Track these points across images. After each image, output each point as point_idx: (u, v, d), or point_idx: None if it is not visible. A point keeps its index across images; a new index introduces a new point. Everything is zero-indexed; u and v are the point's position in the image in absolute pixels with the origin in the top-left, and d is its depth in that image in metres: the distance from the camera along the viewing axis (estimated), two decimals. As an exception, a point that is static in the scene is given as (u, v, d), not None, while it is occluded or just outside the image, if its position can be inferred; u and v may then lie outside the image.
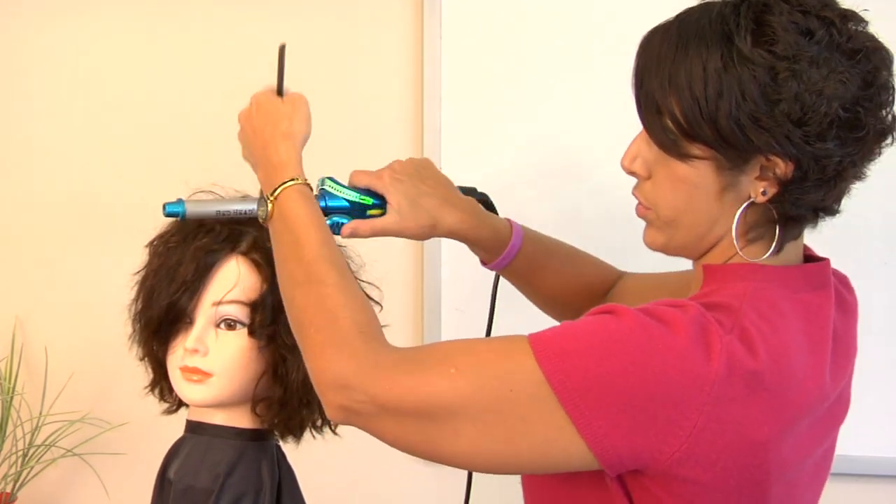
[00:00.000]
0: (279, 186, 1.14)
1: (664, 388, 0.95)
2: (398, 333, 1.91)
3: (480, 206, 1.33)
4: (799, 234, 1.08)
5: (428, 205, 1.27)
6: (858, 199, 1.78)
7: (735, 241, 1.03)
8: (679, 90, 0.99)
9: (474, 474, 1.36)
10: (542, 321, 1.07)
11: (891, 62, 1.02)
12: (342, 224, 1.24)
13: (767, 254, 1.05)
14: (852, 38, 0.99)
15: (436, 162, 1.92)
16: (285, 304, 1.12)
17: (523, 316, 1.32)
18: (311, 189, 1.16)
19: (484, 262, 1.37)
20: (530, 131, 1.90)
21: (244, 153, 1.23)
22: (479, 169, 1.86)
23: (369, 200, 1.26)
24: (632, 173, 1.09)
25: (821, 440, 1.09)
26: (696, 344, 0.96)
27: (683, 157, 1.02)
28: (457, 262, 1.92)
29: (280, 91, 1.23)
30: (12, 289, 2.13)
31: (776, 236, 1.04)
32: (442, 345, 1.07)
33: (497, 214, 1.37)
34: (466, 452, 1.01)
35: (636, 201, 1.11)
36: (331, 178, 1.27)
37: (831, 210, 1.06)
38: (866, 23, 1.02)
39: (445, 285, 1.94)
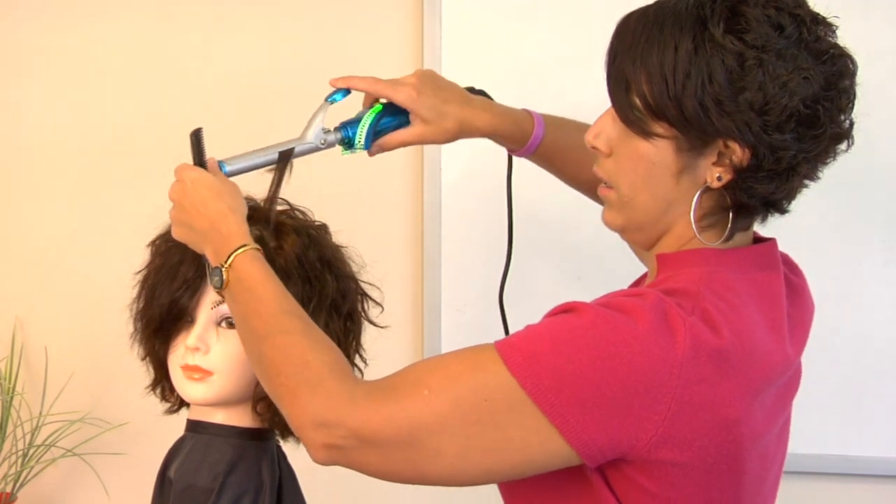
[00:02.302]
0: (232, 254, 1.14)
1: (634, 376, 0.98)
2: (398, 333, 1.92)
3: (494, 101, 1.37)
4: (749, 226, 1.11)
5: (452, 111, 1.32)
6: (859, 199, 1.80)
7: (693, 225, 1.06)
8: (649, 68, 1.02)
9: None
10: (536, 320, 1.07)
11: (854, 71, 1.05)
12: (370, 139, 1.29)
13: (720, 241, 1.08)
14: (820, 40, 1.03)
15: (436, 159, 1.94)
16: (252, 362, 1.14)
17: (520, 317, 1.32)
18: (262, 253, 1.17)
19: (511, 151, 1.42)
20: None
21: (179, 231, 1.20)
22: (480, 167, 1.86)
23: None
24: (594, 149, 1.11)
25: (783, 409, 1.13)
26: (659, 329, 0.99)
27: (646, 134, 1.04)
28: (457, 262, 1.92)
29: (204, 165, 1.21)
30: (12, 289, 2.13)
31: (729, 224, 1.07)
32: (411, 368, 1.08)
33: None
34: (451, 469, 1.03)
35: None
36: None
37: (780, 207, 1.09)
38: (835, 28, 1.05)
39: (445, 285, 1.94)
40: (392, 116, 1.31)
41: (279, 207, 1.34)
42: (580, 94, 1.89)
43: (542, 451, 1.00)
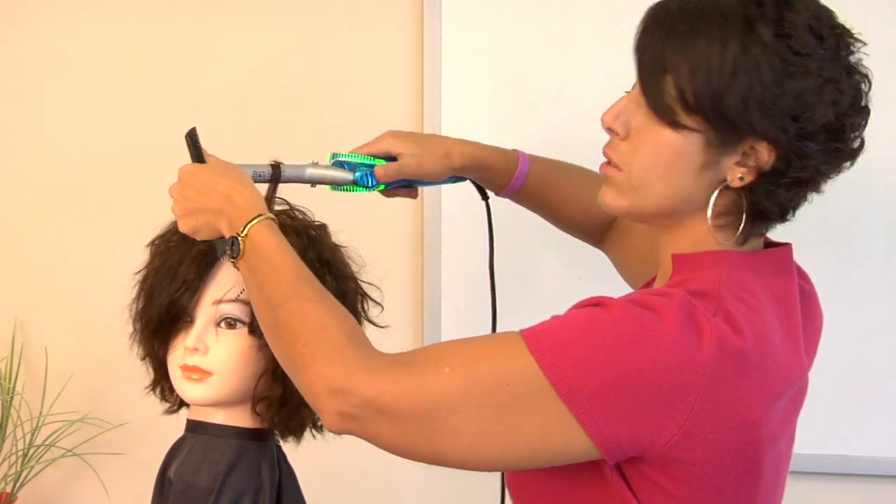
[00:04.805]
0: (249, 223, 1.14)
1: (660, 373, 0.98)
2: (398, 333, 1.92)
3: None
4: (763, 232, 1.11)
5: (434, 140, 1.35)
6: (859, 198, 1.80)
7: (709, 222, 1.06)
8: (692, 60, 1.01)
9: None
10: (536, 320, 1.07)
11: (869, 90, 1.07)
12: (368, 175, 1.31)
13: (731, 242, 1.08)
14: (851, 56, 1.04)
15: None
16: (266, 330, 1.13)
17: (520, 316, 1.32)
18: (277, 223, 1.17)
19: (498, 193, 1.42)
20: (531, 129, 1.90)
21: (187, 221, 1.19)
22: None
23: (381, 161, 1.32)
24: (610, 130, 1.09)
25: (795, 415, 1.13)
26: (686, 328, 0.99)
27: (676, 125, 1.03)
28: (457, 262, 1.92)
29: (204, 162, 1.22)
30: (12, 289, 2.13)
31: (742, 226, 1.07)
32: (434, 346, 1.09)
33: (487, 196, 1.42)
34: (466, 451, 1.02)
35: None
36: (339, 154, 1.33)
37: (786, 216, 1.10)
38: (862, 45, 1.06)
39: (445, 285, 1.94)
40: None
41: (279, 207, 1.34)
42: (580, 94, 1.89)
43: (561, 442, 1.00)
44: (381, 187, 1.33)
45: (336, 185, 1.32)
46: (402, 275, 1.98)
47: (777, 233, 1.17)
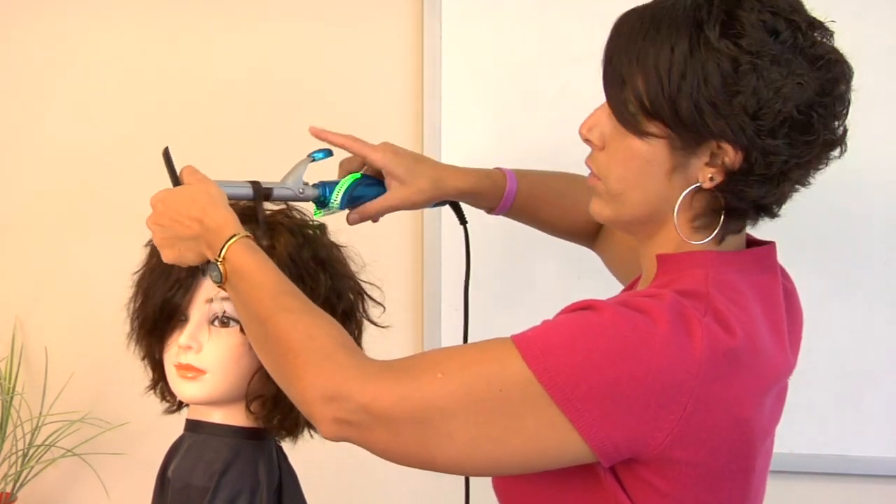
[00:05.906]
0: (223, 246, 1.14)
1: (652, 375, 0.98)
2: (398, 333, 1.92)
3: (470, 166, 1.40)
4: (741, 229, 1.11)
5: (425, 170, 1.35)
6: (859, 199, 1.80)
7: (675, 220, 1.07)
8: (645, 68, 1.03)
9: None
10: (536, 321, 1.07)
11: (850, 76, 1.06)
12: (345, 201, 1.32)
13: (707, 239, 1.08)
14: (816, 45, 1.03)
15: (436, 159, 1.93)
16: (256, 347, 1.14)
17: (520, 317, 1.33)
18: (254, 239, 1.17)
19: (488, 210, 1.43)
20: (531, 129, 1.90)
21: (169, 252, 1.19)
22: (480, 166, 1.85)
23: (357, 175, 1.34)
24: (587, 142, 1.12)
25: (779, 413, 1.14)
26: (677, 329, 0.99)
27: (640, 133, 1.05)
28: (457, 262, 1.91)
29: (178, 182, 1.22)
30: (12, 289, 2.13)
31: (719, 225, 1.08)
32: (427, 353, 1.10)
33: (465, 221, 1.43)
34: (461, 456, 1.03)
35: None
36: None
37: (771, 211, 1.09)
38: (832, 34, 1.05)
39: (445, 285, 1.94)
40: (368, 187, 1.34)
41: (276, 207, 1.34)
42: (580, 94, 1.89)
43: (556, 446, 1.00)
44: (356, 175, 1.32)
45: (305, 193, 1.31)
46: (402, 275, 1.98)
47: (777, 234, 1.17)
